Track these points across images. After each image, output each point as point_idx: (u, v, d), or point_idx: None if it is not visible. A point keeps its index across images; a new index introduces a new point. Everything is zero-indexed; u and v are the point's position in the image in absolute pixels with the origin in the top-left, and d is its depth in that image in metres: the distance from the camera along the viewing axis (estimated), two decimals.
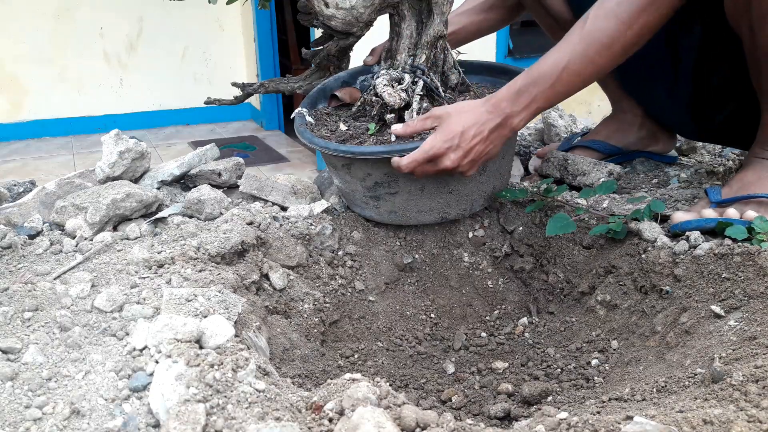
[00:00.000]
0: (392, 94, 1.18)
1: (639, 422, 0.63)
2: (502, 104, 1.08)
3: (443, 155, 1.09)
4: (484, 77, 1.38)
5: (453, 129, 1.08)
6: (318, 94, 1.38)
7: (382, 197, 1.22)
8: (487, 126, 1.09)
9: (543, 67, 1.07)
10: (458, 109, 1.10)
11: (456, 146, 1.08)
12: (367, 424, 0.62)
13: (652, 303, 1.06)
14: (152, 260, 1.03)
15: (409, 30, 1.25)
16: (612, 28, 1.03)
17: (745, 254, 0.97)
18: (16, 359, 0.80)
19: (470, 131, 1.08)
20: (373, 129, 1.21)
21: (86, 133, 5.08)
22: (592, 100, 4.35)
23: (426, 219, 1.25)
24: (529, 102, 1.08)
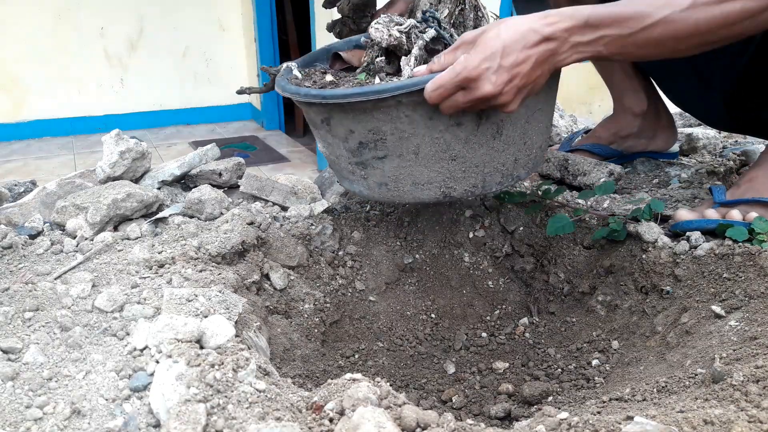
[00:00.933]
0: (380, 30, 1.00)
1: (639, 422, 0.63)
2: (561, 25, 0.86)
3: (480, 77, 0.85)
4: None
5: (492, 44, 0.85)
6: (320, 53, 1.20)
7: (369, 164, 0.99)
8: (536, 47, 0.86)
9: (622, 12, 0.87)
10: (499, 22, 0.88)
11: (498, 66, 0.85)
12: (367, 424, 0.62)
13: (653, 303, 1.06)
14: (153, 260, 1.03)
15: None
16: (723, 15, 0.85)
17: (746, 254, 0.97)
18: (16, 359, 0.80)
19: (514, 48, 0.85)
20: (363, 78, 1.04)
21: (87, 133, 5.09)
22: (593, 100, 4.36)
23: (424, 195, 1.00)
24: (593, 40, 0.87)
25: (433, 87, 0.87)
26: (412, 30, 1.01)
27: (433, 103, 0.88)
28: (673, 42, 0.87)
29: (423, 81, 0.88)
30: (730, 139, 1.70)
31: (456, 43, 0.90)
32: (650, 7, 0.86)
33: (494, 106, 0.89)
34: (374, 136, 0.96)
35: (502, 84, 0.86)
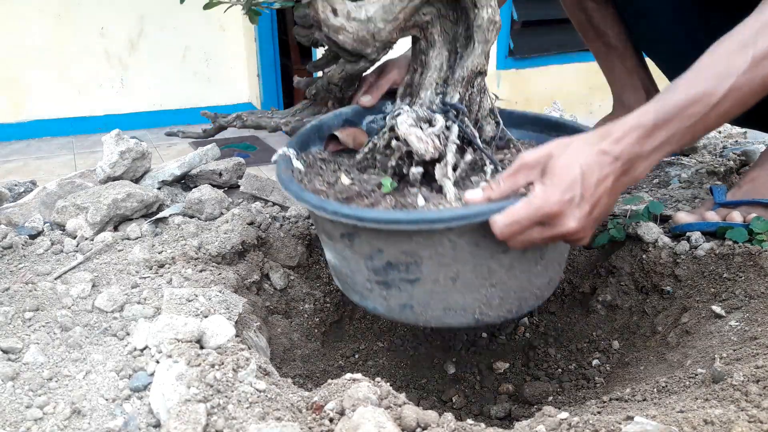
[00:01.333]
0: (423, 139, 0.87)
1: (640, 422, 0.63)
2: (630, 140, 0.78)
3: (563, 213, 0.76)
4: (527, 131, 1.08)
5: (570, 174, 0.76)
6: (311, 132, 1.05)
7: (394, 284, 0.86)
8: (613, 170, 0.78)
9: (686, 99, 0.79)
10: (563, 145, 0.79)
11: (580, 198, 0.76)
12: (367, 424, 0.62)
13: (653, 303, 1.06)
14: (153, 260, 1.03)
15: (439, 61, 0.98)
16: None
17: (746, 254, 0.97)
18: (16, 359, 0.80)
19: (593, 176, 0.76)
20: (389, 186, 0.90)
21: (87, 133, 5.09)
22: (593, 100, 4.36)
23: (455, 320, 0.88)
24: (662, 142, 0.79)
25: (506, 222, 0.76)
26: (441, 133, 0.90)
27: (502, 238, 0.77)
28: (742, 107, 0.82)
29: (486, 212, 0.77)
30: (730, 140, 1.70)
31: (515, 166, 0.79)
32: (712, 80, 0.80)
33: (570, 240, 0.81)
34: (408, 259, 0.83)
35: (586, 218, 0.77)
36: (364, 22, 0.92)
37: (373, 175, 0.95)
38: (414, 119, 0.90)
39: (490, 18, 0.93)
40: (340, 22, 0.92)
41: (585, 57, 4.09)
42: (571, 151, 0.77)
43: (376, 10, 0.92)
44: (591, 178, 0.76)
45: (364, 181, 0.94)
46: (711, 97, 0.79)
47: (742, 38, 0.82)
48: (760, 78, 0.80)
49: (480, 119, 1.00)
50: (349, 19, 0.92)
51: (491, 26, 0.94)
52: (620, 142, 0.78)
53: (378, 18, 0.92)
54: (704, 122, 0.80)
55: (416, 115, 0.92)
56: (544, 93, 4.22)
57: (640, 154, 0.79)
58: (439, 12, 0.98)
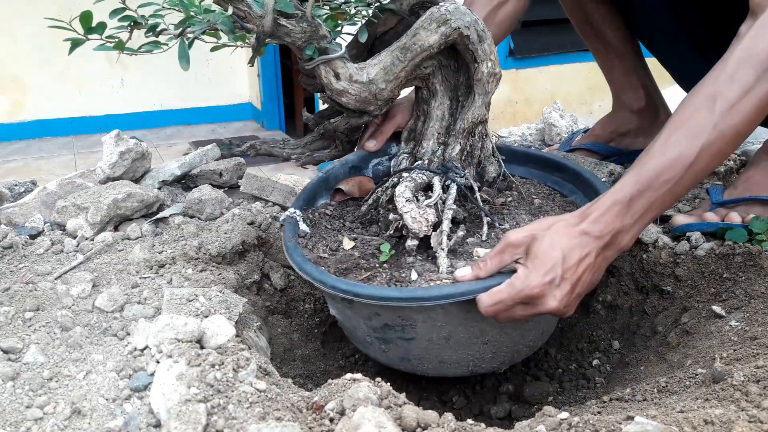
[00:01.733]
0: (417, 219, 0.89)
1: (640, 422, 0.63)
2: (608, 218, 0.82)
3: (543, 294, 0.80)
4: (530, 169, 1.10)
5: (551, 256, 0.80)
6: (318, 185, 1.09)
7: (392, 341, 0.92)
8: (594, 248, 0.81)
9: (660, 166, 0.82)
10: (545, 228, 0.83)
11: (560, 280, 0.80)
12: (367, 424, 0.62)
13: (653, 303, 1.06)
14: (153, 260, 1.03)
15: (441, 111, 1.00)
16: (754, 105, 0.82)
17: (746, 254, 0.97)
18: (17, 359, 0.80)
19: (573, 257, 0.80)
20: (387, 254, 0.93)
21: (87, 133, 5.08)
22: (593, 100, 4.36)
23: (449, 372, 0.95)
24: (643, 212, 0.82)
25: (490, 302, 0.81)
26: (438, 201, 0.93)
27: (488, 316, 0.82)
28: (721, 158, 0.85)
29: (473, 291, 0.81)
30: None
31: (501, 245, 0.83)
32: (684, 142, 0.82)
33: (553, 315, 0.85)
34: (403, 322, 0.88)
35: (566, 297, 0.81)
36: (366, 84, 0.95)
37: (374, 237, 0.99)
38: (412, 190, 0.93)
39: (490, 71, 0.97)
40: (342, 85, 0.94)
41: (585, 57, 4.08)
42: (553, 234, 0.81)
43: (377, 72, 0.95)
44: (571, 259, 0.80)
45: (366, 242, 0.98)
46: (684, 159, 0.81)
47: (709, 90, 0.83)
48: (730, 128, 0.82)
49: (483, 160, 1.03)
50: (351, 82, 0.94)
51: (491, 78, 0.97)
52: (599, 221, 0.82)
53: (379, 79, 0.95)
54: (682, 183, 0.83)
55: (414, 183, 0.94)
56: (544, 93, 4.22)
57: (621, 229, 0.82)
58: (440, 63, 1.00)
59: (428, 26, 0.93)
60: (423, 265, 0.91)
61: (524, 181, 1.09)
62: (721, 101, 0.82)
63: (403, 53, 0.95)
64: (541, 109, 1.82)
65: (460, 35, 0.94)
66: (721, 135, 0.81)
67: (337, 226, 1.03)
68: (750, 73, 0.82)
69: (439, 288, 0.84)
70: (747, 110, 0.82)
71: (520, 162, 1.10)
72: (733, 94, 0.82)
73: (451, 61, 1.00)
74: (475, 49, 0.95)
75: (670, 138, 0.83)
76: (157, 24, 0.87)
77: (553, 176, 1.05)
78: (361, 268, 0.93)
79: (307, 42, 0.90)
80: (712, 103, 0.82)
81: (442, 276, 0.88)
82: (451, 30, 0.93)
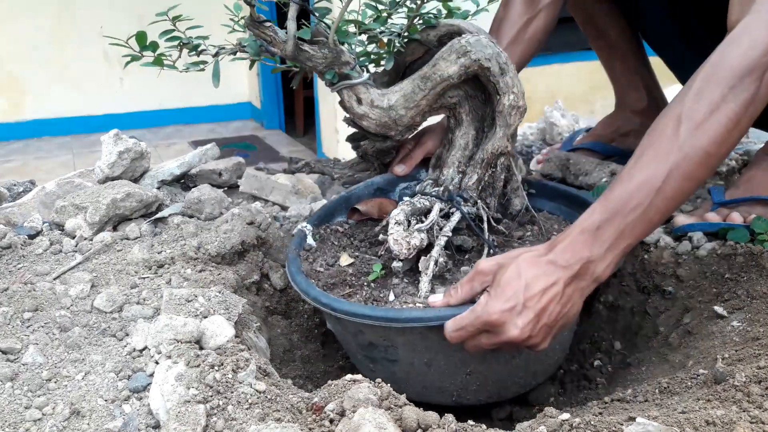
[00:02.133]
0: (398, 241, 0.89)
1: (641, 423, 0.62)
2: (576, 247, 0.80)
3: (504, 322, 0.78)
4: (559, 205, 1.09)
5: (513, 285, 0.79)
6: (338, 204, 1.11)
7: (379, 361, 0.93)
8: (561, 277, 0.79)
9: (627, 192, 0.80)
10: (513, 257, 0.82)
11: (522, 307, 0.78)
12: (368, 425, 0.62)
13: (655, 304, 1.06)
14: (152, 260, 1.03)
15: (465, 140, 1.02)
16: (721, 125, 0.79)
17: (748, 255, 0.96)
18: (15, 360, 0.80)
19: (537, 286, 0.79)
20: (378, 272, 0.95)
21: (86, 133, 5.08)
22: (595, 99, 4.35)
23: (432, 399, 0.92)
24: (614, 240, 0.80)
25: (453, 328, 0.80)
26: (435, 224, 0.93)
27: (453, 342, 0.81)
28: (693, 182, 0.81)
29: (440, 317, 0.82)
30: None
31: (471, 274, 0.83)
32: (650, 166, 0.80)
33: (524, 347, 0.81)
34: (385, 342, 0.89)
35: (530, 326, 0.78)
36: (386, 110, 0.97)
37: (374, 256, 1.00)
38: (407, 213, 0.94)
39: (512, 104, 0.97)
40: (363, 110, 0.98)
41: (586, 56, 4.08)
42: (519, 263, 0.80)
43: (397, 99, 0.97)
44: (534, 288, 0.78)
45: (365, 261, 1.00)
46: (651, 184, 0.79)
47: (676, 111, 0.81)
48: (697, 150, 0.78)
49: (509, 192, 1.04)
50: (372, 107, 0.97)
51: (513, 111, 0.97)
52: (567, 251, 0.80)
53: (399, 106, 0.97)
54: (655, 209, 0.79)
55: (412, 208, 0.95)
56: (545, 92, 4.22)
57: (591, 258, 0.80)
58: (467, 93, 1.02)
59: (448, 57, 0.95)
60: (405, 288, 0.92)
61: (550, 217, 1.08)
62: (687, 122, 0.79)
63: (423, 82, 0.96)
64: (543, 108, 1.81)
65: (481, 67, 0.95)
66: (687, 157, 0.78)
67: (344, 243, 1.05)
68: (716, 90, 0.79)
69: (410, 311, 0.84)
70: (714, 130, 0.78)
71: (550, 197, 1.10)
72: (698, 114, 0.79)
73: (478, 92, 1.02)
74: (497, 81, 0.96)
75: (638, 163, 0.81)
76: (199, 44, 0.92)
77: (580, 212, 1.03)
78: (347, 284, 0.95)
79: (329, 67, 0.93)
80: (677, 124, 0.80)
81: (417, 300, 0.88)
82: (471, 62, 0.94)
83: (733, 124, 0.79)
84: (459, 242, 0.97)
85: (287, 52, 0.89)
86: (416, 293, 0.90)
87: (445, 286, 0.91)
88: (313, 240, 1.04)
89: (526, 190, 1.08)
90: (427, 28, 0.99)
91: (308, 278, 0.94)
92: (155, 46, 0.90)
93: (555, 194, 1.10)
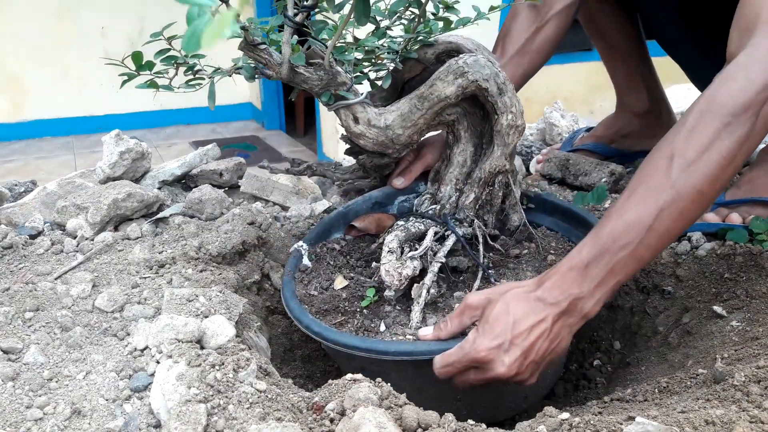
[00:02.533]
0: (390, 272, 0.89)
1: (641, 423, 0.62)
2: (564, 285, 0.79)
3: (491, 360, 0.78)
4: (557, 220, 1.08)
5: (501, 321, 0.79)
6: (336, 219, 1.11)
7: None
8: (549, 314, 0.79)
9: (617, 229, 0.79)
10: (501, 292, 0.82)
11: (509, 344, 0.78)
12: (368, 425, 0.62)
13: (654, 303, 1.06)
14: (153, 260, 1.03)
15: (463, 157, 1.01)
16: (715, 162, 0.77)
17: (747, 255, 0.96)
18: (17, 359, 0.80)
19: (525, 323, 0.78)
20: (371, 298, 0.95)
21: (87, 133, 5.09)
22: (594, 99, 4.36)
23: None
24: (603, 276, 0.79)
25: (441, 364, 0.80)
26: (428, 251, 0.93)
27: (443, 378, 0.81)
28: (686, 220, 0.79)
29: (429, 351, 0.82)
30: None
31: (461, 307, 0.83)
32: (641, 205, 0.78)
33: (511, 382, 0.81)
34: (377, 368, 0.87)
35: (517, 363, 0.78)
36: (383, 129, 0.97)
37: (368, 279, 0.99)
38: (400, 240, 0.93)
39: (510, 123, 0.97)
40: (360, 129, 0.97)
41: (586, 57, 4.08)
42: (508, 299, 0.80)
43: (394, 119, 0.97)
44: (522, 325, 0.78)
45: (359, 283, 0.99)
46: (642, 223, 0.77)
47: (669, 148, 0.79)
48: (690, 188, 0.77)
49: (507, 209, 1.04)
50: (369, 126, 0.97)
51: (511, 130, 0.97)
52: (555, 288, 0.79)
53: (396, 125, 0.97)
54: (646, 246, 0.78)
55: (407, 233, 0.94)
56: (545, 93, 4.22)
57: (580, 295, 0.79)
58: (465, 110, 1.01)
59: (445, 78, 0.94)
60: (396, 317, 0.92)
61: (548, 233, 1.07)
62: (679, 160, 0.77)
63: (420, 102, 0.96)
64: (542, 108, 1.81)
65: (479, 87, 0.94)
66: (679, 196, 0.77)
67: (340, 262, 1.04)
68: (710, 127, 0.77)
69: (399, 344, 0.84)
70: (707, 168, 0.76)
71: (549, 212, 1.09)
72: (691, 152, 0.77)
73: (477, 109, 1.01)
74: (495, 102, 0.95)
75: (629, 200, 0.80)
76: (195, 64, 0.93)
77: (578, 231, 1.02)
78: (340, 311, 0.94)
79: (324, 89, 0.92)
80: (669, 161, 0.78)
81: (407, 332, 0.88)
82: (469, 82, 0.94)
83: (727, 162, 0.77)
84: (454, 263, 0.97)
85: (282, 75, 0.88)
86: (407, 323, 0.89)
87: (438, 313, 0.91)
88: (309, 260, 1.03)
89: (524, 205, 1.07)
90: (424, 45, 0.99)
91: (302, 303, 0.93)
92: (151, 65, 0.90)
93: (554, 210, 1.09)
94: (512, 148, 0.98)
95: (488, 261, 0.98)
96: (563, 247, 1.03)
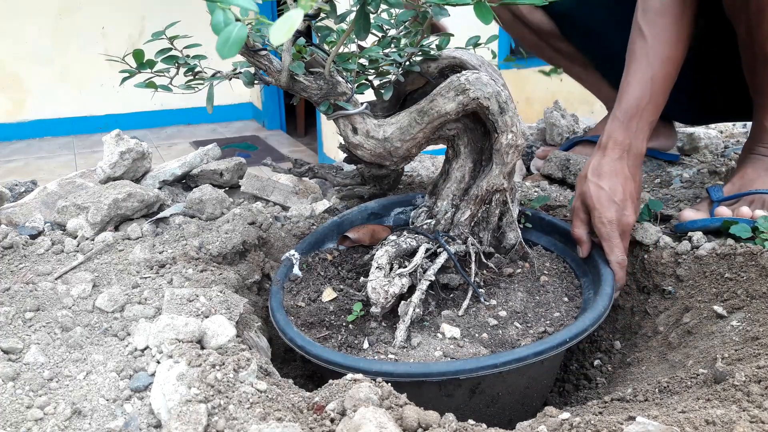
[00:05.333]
0: (376, 290, 0.89)
1: (641, 422, 0.62)
2: (617, 137, 1.04)
3: (628, 223, 1.00)
4: (554, 240, 1.09)
5: (603, 196, 1.00)
6: (330, 229, 1.11)
7: None
8: (620, 159, 1.04)
9: (633, 93, 1.05)
10: (583, 181, 1.03)
11: (621, 199, 1.01)
12: (368, 425, 0.62)
13: (655, 303, 1.06)
14: (154, 260, 1.03)
15: (461, 173, 1.02)
16: (670, 23, 1.05)
17: (748, 254, 0.96)
18: (17, 359, 0.80)
19: (618, 185, 1.01)
20: (357, 312, 0.94)
21: (88, 133, 5.09)
22: (594, 99, 4.35)
23: None
24: (638, 120, 1.05)
25: (619, 261, 0.99)
26: (419, 269, 0.93)
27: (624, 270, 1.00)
28: (674, 62, 1.07)
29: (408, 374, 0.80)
30: (731, 139, 1.70)
31: (573, 213, 1.05)
32: (636, 73, 1.06)
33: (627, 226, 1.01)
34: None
35: (632, 208, 1.01)
36: (381, 141, 0.96)
37: (358, 292, 0.99)
38: (390, 256, 0.93)
39: (510, 143, 0.97)
40: (358, 140, 0.96)
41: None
42: (591, 180, 1.03)
43: (393, 132, 0.96)
44: (616, 185, 1.01)
45: (348, 295, 0.98)
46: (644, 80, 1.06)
47: (636, 26, 1.08)
48: (662, 31, 1.06)
49: (504, 226, 1.04)
50: (367, 137, 0.96)
51: (511, 150, 0.97)
52: (610, 140, 1.05)
53: (395, 138, 0.96)
54: (657, 92, 1.06)
55: (397, 249, 0.94)
56: (545, 93, 4.22)
57: (632, 138, 1.05)
58: (467, 126, 1.01)
59: (446, 94, 0.94)
60: (381, 334, 0.91)
61: (543, 253, 1.07)
62: (645, 25, 1.07)
63: (420, 116, 0.96)
64: (542, 108, 1.81)
65: (480, 105, 0.94)
66: (657, 42, 1.06)
67: (331, 273, 1.04)
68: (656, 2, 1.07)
69: (380, 363, 0.83)
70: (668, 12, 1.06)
71: (546, 231, 1.10)
72: (654, 5, 1.07)
73: (478, 125, 1.00)
74: (495, 120, 0.95)
75: (627, 73, 1.07)
76: (195, 66, 0.93)
77: (575, 252, 1.04)
78: (325, 325, 0.94)
79: (324, 98, 0.92)
80: (638, 37, 1.08)
81: (390, 350, 0.87)
82: (470, 99, 0.93)
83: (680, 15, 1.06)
84: (446, 280, 0.96)
85: (281, 83, 0.88)
86: (392, 341, 0.88)
87: (423, 332, 0.90)
88: (300, 270, 1.03)
89: (522, 223, 1.08)
90: (428, 59, 0.99)
91: (288, 315, 0.93)
92: (152, 64, 0.90)
93: (551, 229, 1.09)
94: (511, 167, 0.98)
95: (480, 279, 0.98)
96: (556, 269, 1.03)
